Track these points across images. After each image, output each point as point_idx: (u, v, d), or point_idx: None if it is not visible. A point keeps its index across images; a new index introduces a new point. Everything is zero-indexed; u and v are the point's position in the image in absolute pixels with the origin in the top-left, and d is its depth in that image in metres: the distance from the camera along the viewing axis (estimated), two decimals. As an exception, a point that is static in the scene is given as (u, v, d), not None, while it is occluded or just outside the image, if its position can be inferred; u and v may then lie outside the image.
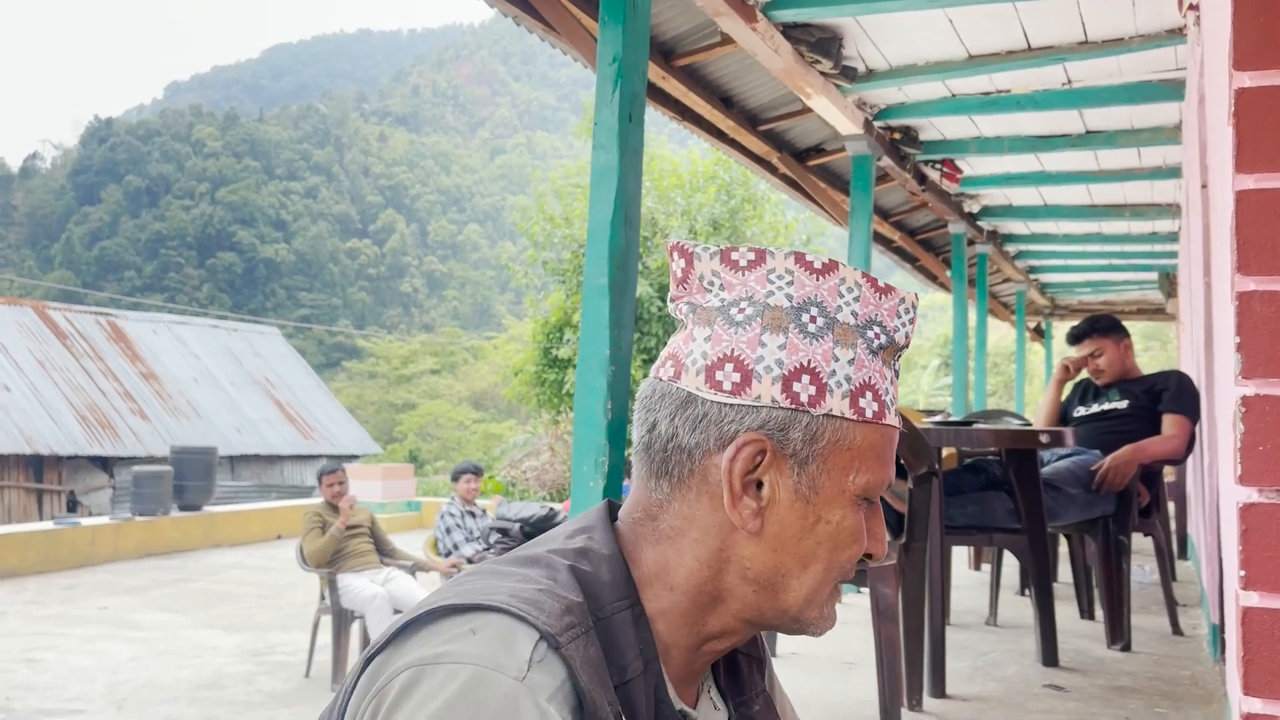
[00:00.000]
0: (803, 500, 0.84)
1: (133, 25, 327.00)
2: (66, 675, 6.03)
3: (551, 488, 18.45)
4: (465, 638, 0.75)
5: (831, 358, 0.83)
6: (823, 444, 0.83)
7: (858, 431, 0.84)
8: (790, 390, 0.82)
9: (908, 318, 0.88)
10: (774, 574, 0.84)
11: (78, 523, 11.04)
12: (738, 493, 0.83)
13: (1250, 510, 1.25)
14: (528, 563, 0.83)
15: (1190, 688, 3.28)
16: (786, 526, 0.84)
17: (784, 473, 0.83)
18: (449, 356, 46.52)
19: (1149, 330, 28.59)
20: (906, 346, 0.88)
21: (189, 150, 71.59)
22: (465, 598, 0.78)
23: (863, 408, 0.83)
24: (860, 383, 0.84)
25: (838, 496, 0.84)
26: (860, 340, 0.85)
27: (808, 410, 0.83)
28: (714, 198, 17.00)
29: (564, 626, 0.76)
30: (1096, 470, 3.78)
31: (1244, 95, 1.30)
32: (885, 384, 0.85)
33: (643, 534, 0.87)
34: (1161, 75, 5.01)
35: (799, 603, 0.85)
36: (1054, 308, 13.62)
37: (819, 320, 0.84)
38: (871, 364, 0.85)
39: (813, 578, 0.85)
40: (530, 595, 0.78)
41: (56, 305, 24.00)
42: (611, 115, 3.03)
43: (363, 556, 6.16)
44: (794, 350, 0.83)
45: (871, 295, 0.86)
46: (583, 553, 0.84)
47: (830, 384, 0.83)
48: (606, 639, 0.80)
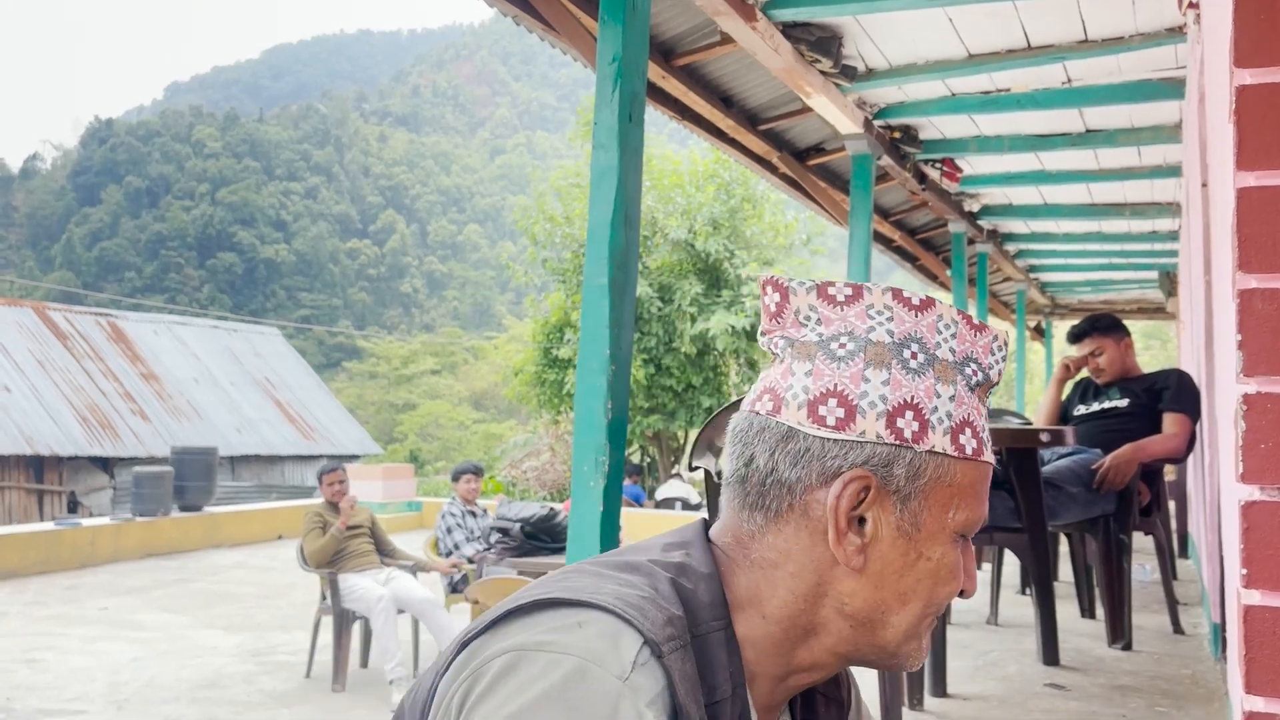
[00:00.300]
0: (905, 537, 0.84)
1: (133, 26, 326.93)
2: (67, 675, 6.03)
3: (552, 488, 18.46)
4: (571, 629, 0.75)
5: (934, 394, 0.84)
6: (925, 480, 0.83)
7: (958, 468, 0.84)
8: (894, 426, 0.83)
9: (1000, 355, 0.89)
10: (873, 610, 0.85)
11: (78, 523, 11.04)
12: (843, 529, 0.83)
13: (1252, 508, 1.25)
14: (628, 569, 0.83)
15: (1191, 686, 3.28)
16: (889, 563, 0.84)
17: (887, 509, 0.83)
18: (449, 357, 46.53)
19: (1149, 329, 28.59)
20: (998, 384, 0.90)
21: (189, 151, 71.61)
22: (571, 593, 0.78)
23: (963, 444, 0.84)
24: (960, 419, 0.85)
25: (939, 533, 0.84)
26: (959, 377, 0.86)
27: (911, 446, 0.83)
28: (713, 197, 16.99)
29: (666, 636, 0.76)
30: (1097, 469, 3.78)
31: (1245, 92, 1.30)
32: (982, 420, 0.87)
33: (736, 559, 0.87)
34: (1161, 74, 5.01)
35: (897, 639, 0.86)
36: (1054, 307, 13.62)
37: (920, 356, 0.85)
38: (970, 401, 0.86)
39: (911, 614, 0.85)
40: (635, 600, 0.78)
41: (57, 306, 24.00)
42: (611, 115, 3.02)
43: (363, 557, 6.16)
44: (897, 386, 0.83)
45: (968, 332, 0.88)
46: (682, 568, 0.84)
47: (932, 420, 0.84)
48: (701, 657, 0.80)
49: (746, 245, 17.42)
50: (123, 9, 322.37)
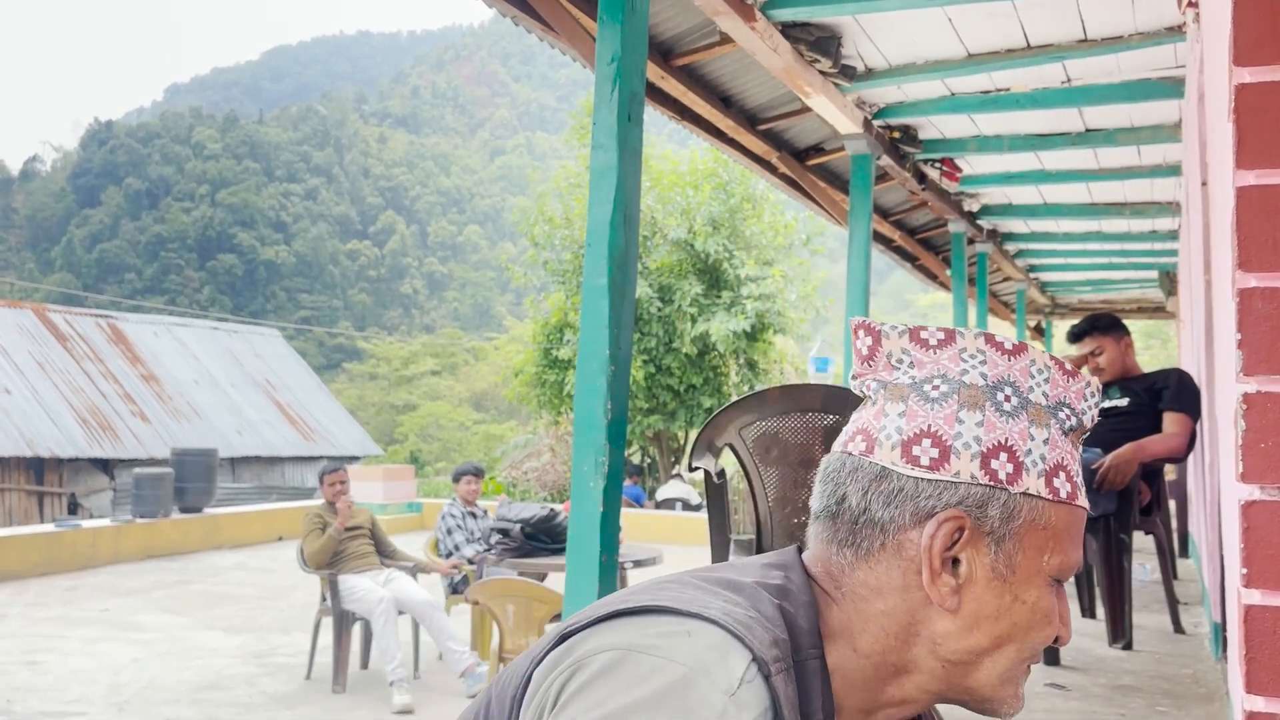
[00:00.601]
0: (999, 579, 0.84)
1: (132, 27, 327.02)
2: (68, 677, 6.03)
3: (552, 488, 18.46)
4: (681, 637, 0.74)
5: (1028, 437, 0.84)
6: (1019, 522, 0.83)
7: (1053, 511, 0.84)
8: (989, 467, 0.83)
9: (1093, 401, 0.89)
10: (967, 653, 0.84)
11: (79, 525, 11.04)
12: (937, 570, 0.83)
13: (1252, 508, 1.25)
14: (732, 587, 0.83)
15: (1192, 686, 3.28)
16: (983, 605, 0.84)
17: (981, 550, 0.83)
18: (449, 357, 46.53)
19: (1149, 328, 28.59)
20: (1090, 430, 0.89)
21: (189, 152, 71.61)
22: (680, 604, 0.78)
23: (1057, 487, 0.84)
24: (1054, 463, 0.85)
25: (1034, 576, 0.84)
26: (1053, 421, 0.86)
27: (1006, 488, 0.83)
28: (712, 196, 16.98)
29: (773, 657, 0.77)
30: (1097, 469, 3.77)
31: (1244, 91, 1.30)
32: (1075, 466, 0.87)
33: (829, 590, 0.87)
34: (1161, 73, 5.01)
35: (991, 683, 0.85)
36: (1054, 306, 13.62)
37: (1013, 400, 0.85)
38: (1063, 445, 0.86)
39: (1006, 659, 0.85)
40: (743, 618, 0.78)
41: (57, 308, 24.01)
42: (610, 115, 3.02)
43: (363, 558, 6.16)
44: (991, 428, 0.84)
45: (1060, 377, 0.88)
46: (784, 592, 0.85)
47: (1026, 463, 0.84)
48: (800, 682, 0.80)
49: (746, 245, 17.42)
50: (122, 11, 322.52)
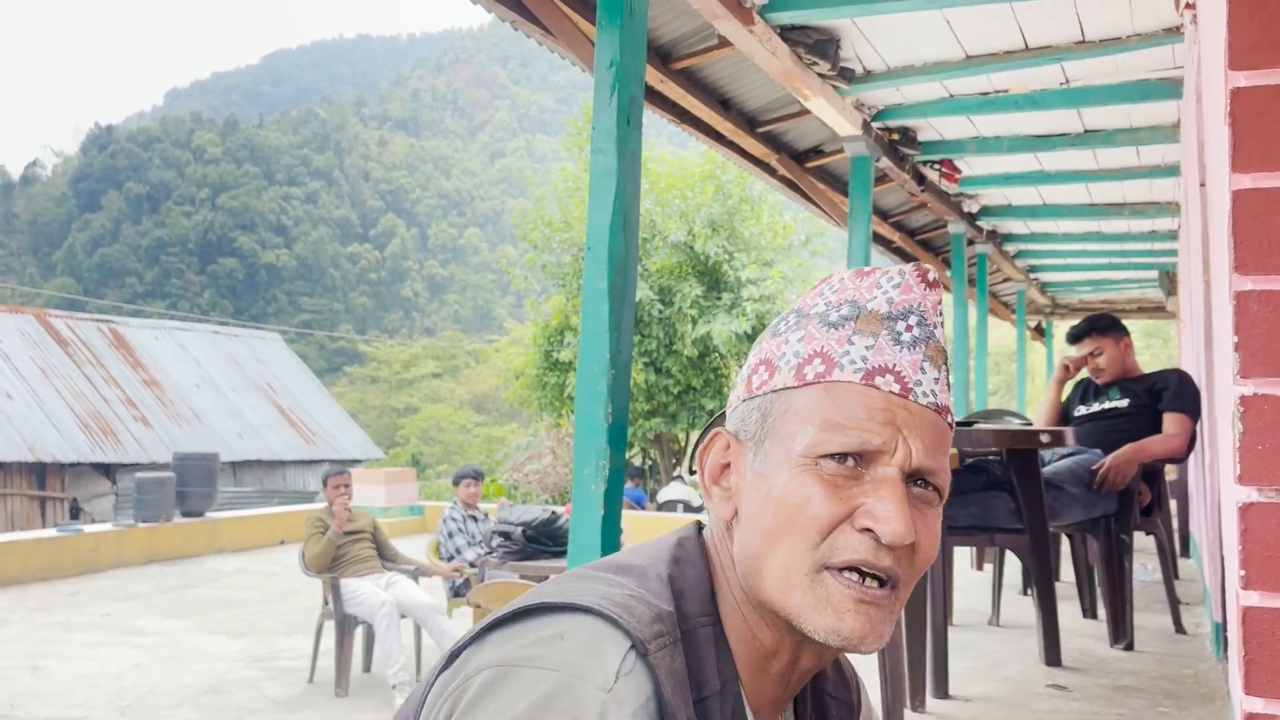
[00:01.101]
0: (759, 475, 0.84)
1: (133, 32, 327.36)
2: (70, 682, 6.03)
3: (554, 490, 18.46)
4: (553, 642, 0.74)
5: (785, 343, 0.87)
6: (772, 419, 0.84)
7: (801, 396, 0.83)
8: (749, 384, 0.88)
9: (890, 284, 0.86)
10: (753, 558, 0.83)
11: (81, 530, 11.05)
12: (708, 484, 0.88)
13: (1250, 510, 1.25)
14: (620, 570, 0.84)
15: (1193, 686, 3.28)
16: (750, 504, 0.84)
17: (745, 456, 0.86)
18: (450, 360, 46.53)
19: (1150, 328, 28.59)
20: (905, 314, 0.84)
21: (189, 156, 71.68)
22: (557, 597, 0.78)
23: (805, 373, 0.83)
24: (809, 353, 0.84)
25: (783, 462, 0.82)
26: (817, 320, 0.86)
27: (758, 395, 0.86)
28: (711, 198, 16.99)
29: (653, 634, 0.76)
30: (1098, 469, 3.78)
31: (1240, 95, 1.30)
32: (846, 348, 0.83)
33: (719, 548, 0.88)
34: (1159, 74, 5.01)
35: (780, 584, 0.81)
36: (1054, 306, 13.62)
37: (790, 320, 0.88)
38: (826, 335, 0.84)
39: (782, 553, 0.80)
40: (622, 599, 0.78)
41: (58, 313, 24.03)
42: (609, 119, 3.03)
43: (365, 562, 6.16)
44: (759, 352, 0.89)
45: (851, 282, 0.88)
46: (675, 561, 0.85)
47: (780, 365, 0.86)
48: (690, 653, 0.80)
49: (745, 247, 17.42)
50: (122, 16, 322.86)
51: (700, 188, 17.17)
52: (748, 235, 17.44)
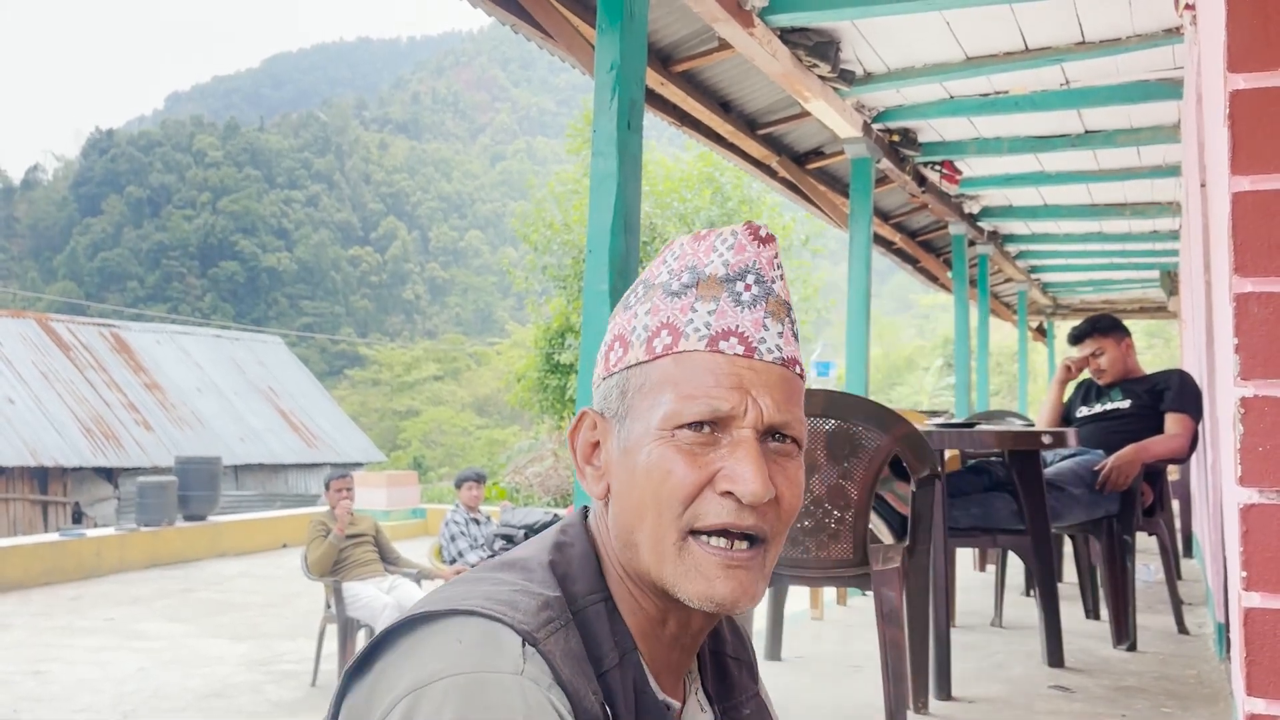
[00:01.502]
0: (622, 452, 0.85)
1: (133, 36, 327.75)
2: (74, 686, 6.04)
3: (555, 493, 18.46)
4: (452, 648, 0.74)
5: (634, 317, 0.87)
6: (630, 394, 0.85)
7: (654, 369, 0.84)
8: (607, 361, 0.88)
9: (725, 246, 0.87)
10: (626, 532, 0.85)
11: (83, 534, 11.06)
12: (580, 464, 0.89)
13: (1251, 511, 1.26)
14: (503, 567, 0.85)
15: (1196, 687, 3.28)
16: (619, 482, 0.85)
17: (611, 434, 0.87)
18: (452, 363, 46.53)
19: (1152, 328, 28.57)
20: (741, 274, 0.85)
21: (190, 160, 71.72)
22: (439, 605, 0.78)
23: (655, 346, 0.84)
24: (655, 325, 0.85)
25: (643, 436, 0.83)
26: (659, 291, 0.86)
27: (615, 372, 0.87)
28: (710, 200, 16.99)
29: (541, 623, 0.77)
30: (1100, 470, 3.78)
31: (1238, 97, 1.31)
32: (689, 316, 0.84)
33: (601, 530, 0.90)
34: (1159, 74, 5.01)
35: (653, 560, 0.83)
36: (1056, 307, 13.62)
37: (639, 291, 0.89)
38: (670, 305, 0.85)
39: (650, 525, 0.82)
40: (505, 596, 0.79)
41: (59, 317, 24.03)
42: (610, 122, 3.03)
43: (367, 565, 6.17)
44: (612, 328, 0.89)
45: (690, 247, 0.88)
46: (559, 548, 0.87)
47: (632, 340, 0.86)
48: (584, 631, 0.81)
49: (746, 249, 17.43)
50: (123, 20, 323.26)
51: (698, 190, 17.16)
52: (749, 237, 17.44)
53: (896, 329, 48.80)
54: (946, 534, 3.25)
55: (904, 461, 2.78)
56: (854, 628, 4.30)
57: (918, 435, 2.76)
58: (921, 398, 29.97)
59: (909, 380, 36.70)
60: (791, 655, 3.83)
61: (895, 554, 2.79)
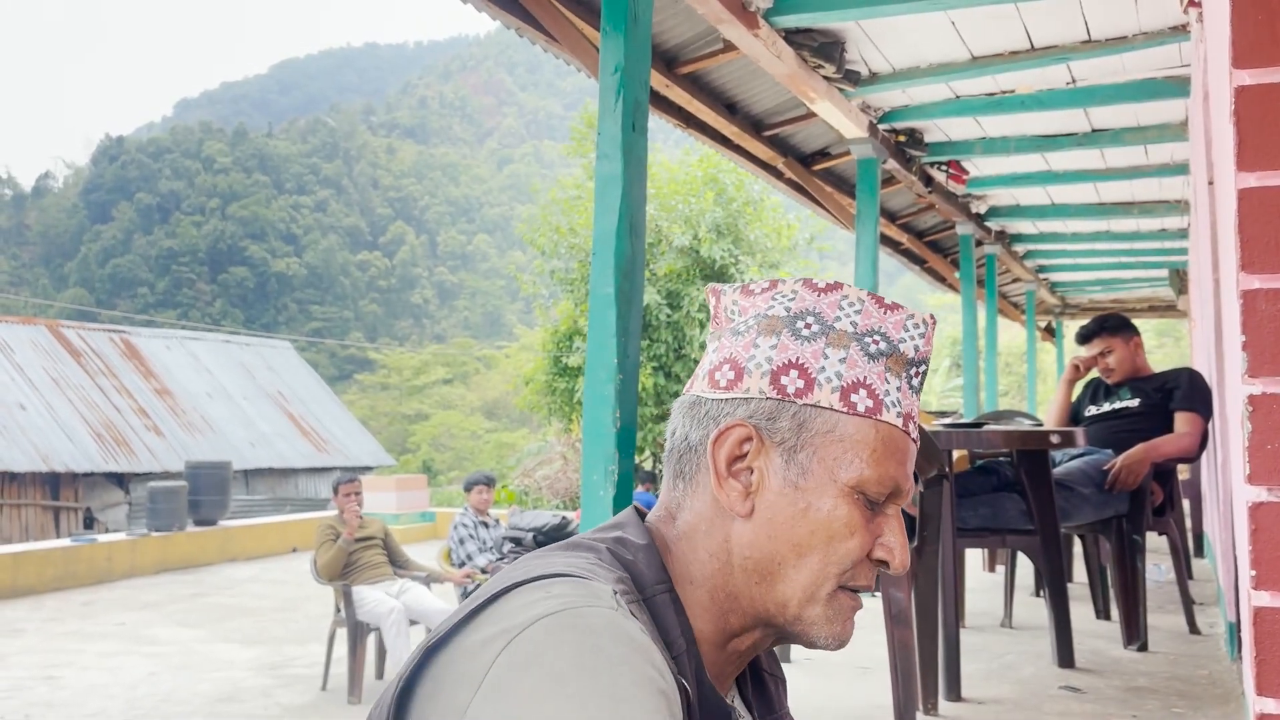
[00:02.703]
0: (792, 486, 0.85)
1: (141, 44, 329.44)
2: (85, 691, 6.06)
3: (564, 495, 18.47)
4: (544, 599, 0.74)
5: (821, 355, 0.87)
6: (811, 433, 0.85)
7: (850, 424, 0.85)
8: (778, 383, 0.86)
9: (917, 332, 0.90)
10: (769, 561, 0.86)
11: (94, 539, 11.09)
12: (722, 474, 0.87)
13: (1260, 509, 1.25)
14: (569, 548, 0.86)
15: (1208, 687, 3.26)
16: (778, 511, 0.86)
17: (773, 459, 0.86)
18: (460, 366, 46.61)
19: (1162, 327, 28.46)
20: (921, 363, 0.90)
21: (199, 166, 72.01)
22: (521, 575, 0.78)
23: (854, 402, 0.86)
24: (853, 380, 0.86)
25: (828, 485, 0.85)
26: (855, 344, 0.88)
27: (793, 401, 0.86)
28: (715, 202, 16.98)
29: (622, 592, 0.79)
30: (1109, 470, 3.76)
31: (1244, 93, 1.30)
32: (885, 386, 0.87)
33: (667, 533, 0.90)
34: (1166, 72, 4.99)
35: (798, 596, 0.86)
36: (1064, 306, 13.58)
37: (814, 326, 0.88)
38: (868, 365, 0.87)
39: (809, 570, 0.85)
40: (585, 567, 0.80)
41: (70, 324, 24.14)
42: (615, 125, 3.03)
43: (376, 568, 6.17)
44: (784, 349, 0.88)
45: (875, 309, 0.90)
46: (620, 541, 0.87)
47: (819, 379, 0.86)
48: (653, 613, 0.83)
49: (750, 249, 17.41)
50: (131, 27, 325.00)
51: (701, 193, 17.16)
52: (752, 238, 17.43)
53: (905, 330, 48.66)
54: (955, 534, 3.24)
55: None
56: (863, 629, 4.28)
57: (925, 435, 2.75)
58: (929, 398, 29.90)
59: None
60: (800, 656, 3.82)
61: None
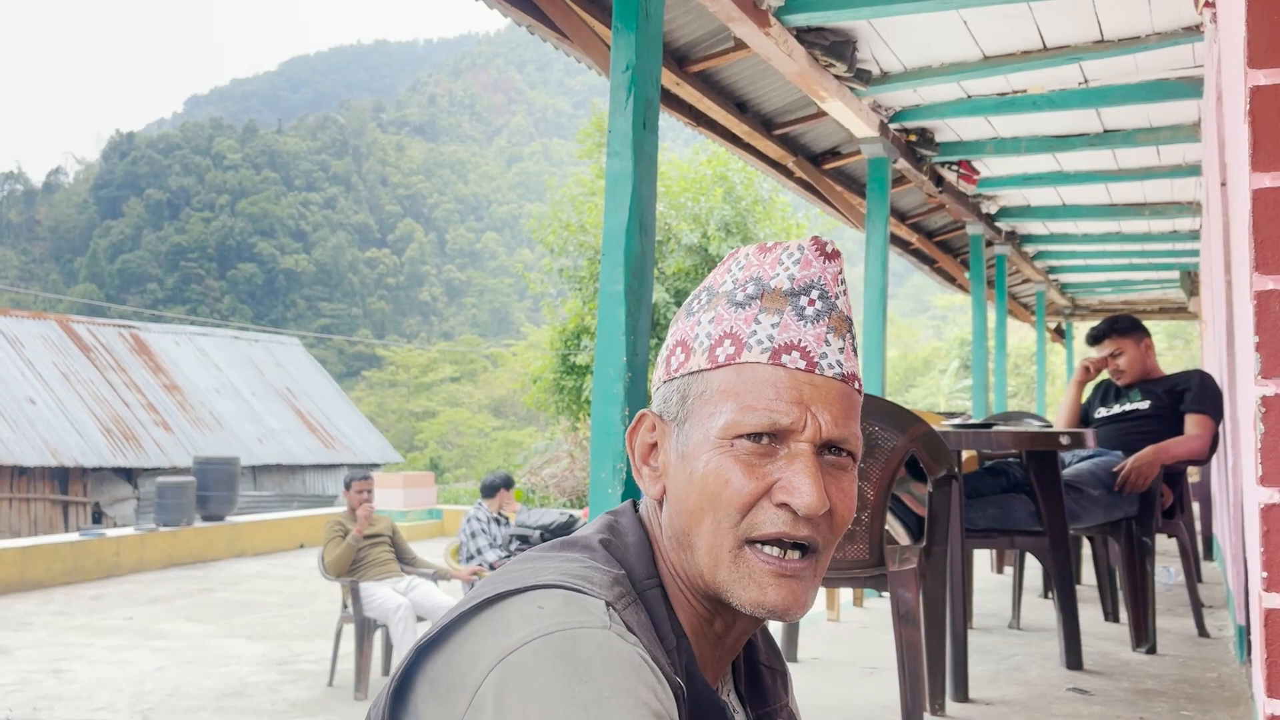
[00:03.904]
0: (681, 457, 0.87)
1: (152, 40, 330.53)
2: (93, 685, 6.08)
3: (571, 494, 18.49)
4: (536, 615, 0.74)
5: (697, 324, 0.88)
6: (691, 400, 0.87)
7: (715, 378, 0.86)
8: (668, 365, 0.90)
9: (791, 259, 0.88)
10: (684, 534, 0.86)
11: (103, 534, 11.14)
12: (637, 464, 0.90)
13: (1271, 511, 1.24)
14: (564, 546, 0.86)
15: (1216, 690, 3.25)
16: (676, 485, 0.87)
17: (669, 437, 0.88)
18: (468, 364, 46.66)
19: (1173, 329, 28.37)
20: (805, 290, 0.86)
21: (209, 163, 72.23)
22: (517, 583, 0.78)
23: (717, 355, 0.86)
24: (719, 334, 0.86)
25: (702, 443, 0.85)
26: (724, 301, 0.88)
27: (676, 376, 0.88)
28: (724, 200, 16.97)
29: (616, 596, 0.79)
30: (1118, 471, 3.75)
31: (1259, 93, 1.29)
32: (754, 328, 0.85)
33: (653, 520, 0.91)
34: (1179, 73, 4.97)
35: (709, 563, 0.84)
36: (1074, 308, 13.53)
37: (703, 298, 0.90)
38: (734, 315, 0.86)
39: (706, 533, 0.84)
40: (579, 572, 0.80)
41: (80, 318, 24.23)
42: (625, 123, 3.03)
43: (383, 565, 6.19)
44: (675, 333, 0.90)
45: (755, 258, 0.90)
46: (614, 530, 0.89)
47: (694, 347, 0.87)
48: (648, 609, 0.84)
49: (761, 249, 17.43)
50: (142, 24, 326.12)
51: (710, 190, 17.15)
52: (761, 236, 17.42)
53: (913, 330, 48.63)
54: (963, 535, 3.24)
55: (920, 462, 2.76)
56: (870, 629, 4.29)
57: (934, 435, 2.75)
58: (938, 399, 29.85)
59: (924, 382, 36.55)
60: (807, 656, 3.82)
61: (912, 555, 2.78)
